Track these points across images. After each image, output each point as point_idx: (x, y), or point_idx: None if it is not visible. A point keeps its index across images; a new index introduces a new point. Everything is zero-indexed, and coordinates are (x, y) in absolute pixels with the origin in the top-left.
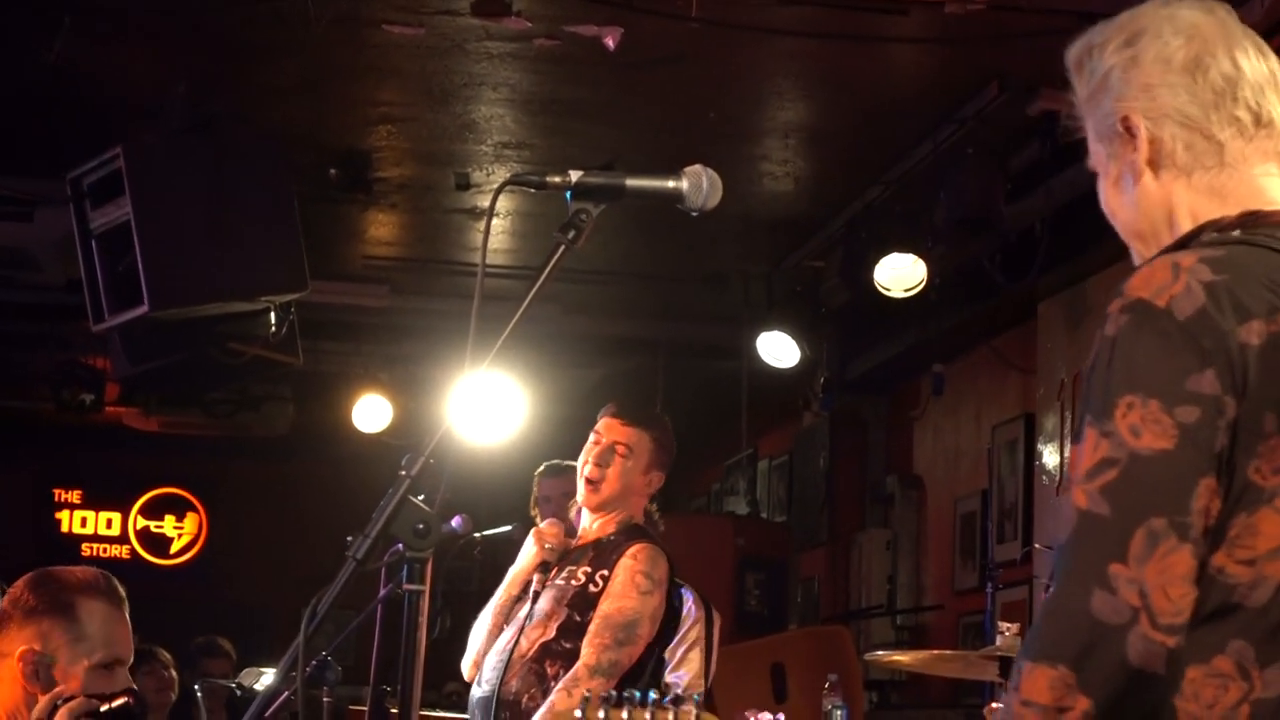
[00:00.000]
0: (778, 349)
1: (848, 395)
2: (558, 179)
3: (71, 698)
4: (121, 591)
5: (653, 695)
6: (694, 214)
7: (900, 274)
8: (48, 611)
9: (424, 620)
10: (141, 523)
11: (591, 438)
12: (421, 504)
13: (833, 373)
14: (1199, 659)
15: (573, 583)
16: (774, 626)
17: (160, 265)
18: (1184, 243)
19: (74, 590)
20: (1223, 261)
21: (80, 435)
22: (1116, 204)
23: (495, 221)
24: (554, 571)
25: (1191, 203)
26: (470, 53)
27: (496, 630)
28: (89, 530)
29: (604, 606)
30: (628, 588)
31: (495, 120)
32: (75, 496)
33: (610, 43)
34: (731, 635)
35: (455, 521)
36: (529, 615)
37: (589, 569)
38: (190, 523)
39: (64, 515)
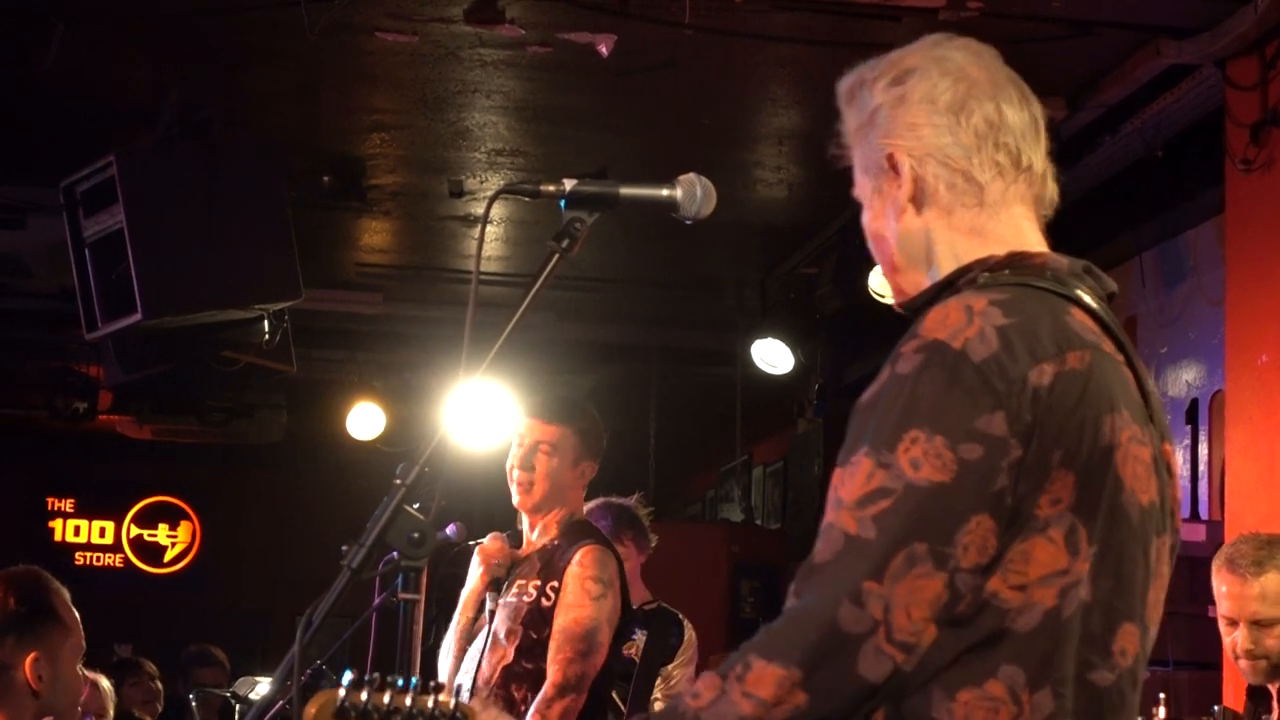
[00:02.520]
0: (772, 355)
1: (842, 401)
2: (552, 188)
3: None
4: None
5: (415, 680)
6: (688, 222)
7: None
8: (36, 615)
9: (419, 629)
10: (135, 531)
11: (514, 440)
12: (416, 512)
13: (827, 379)
14: (972, 683)
15: (524, 599)
16: None
17: (153, 273)
18: (952, 281)
19: (45, 591)
20: (1011, 305)
21: (73, 444)
22: (879, 239)
23: (489, 229)
24: (505, 587)
25: (951, 240)
26: (464, 60)
27: (460, 654)
28: (82, 539)
29: (560, 620)
30: (580, 596)
31: (489, 127)
32: (68, 505)
33: (604, 50)
34: (726, 642)
35: (450, 529)
36: (488, 638)
37: (539, 581)
38: (184, 531)
39: (57, 524)
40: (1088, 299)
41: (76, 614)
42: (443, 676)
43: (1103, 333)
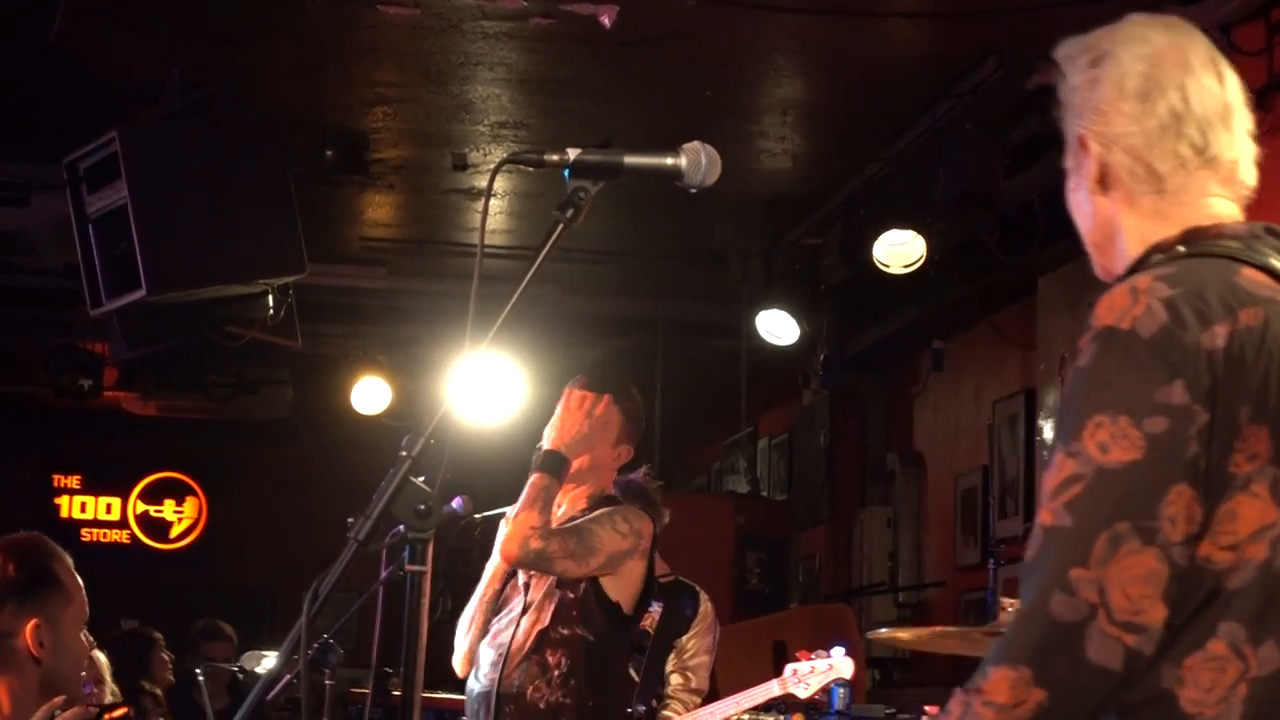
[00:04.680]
0: (777, 327)
1: (847, 372)
2: (555, 157)
3: (69, 705)
4: None
5: None
6: (693, 191)
7: (899, 250)
8: (37, 582)
9: (426, 601)
10: (141, 507)
11: (558, 410)
12: (422, 485)
13: (832, 350)
14: (1195, 647)
15: None
16: (775, 605)
17: (157, 249)
18: (1136, 266)
19: (46, 557)
20: (1176, 276)
21: (79, 420)
22: (1077, 211)
23: (493, 202)
24: None
25: (1137, 225)
26: (466, 33)
27: (484, 623)
28: (89, 515)
29: (580, 521)
30: (604, 519)
31: (492, 100)
32: (74, 482)
33: (606, 21)
34: (733, 614)
35: (456, 502)
36: (522, 607)
37: None
38: (190, 507)
39: (63, 500)
40: (1264, 257)
41: (79, 580)
42: (460, 647)
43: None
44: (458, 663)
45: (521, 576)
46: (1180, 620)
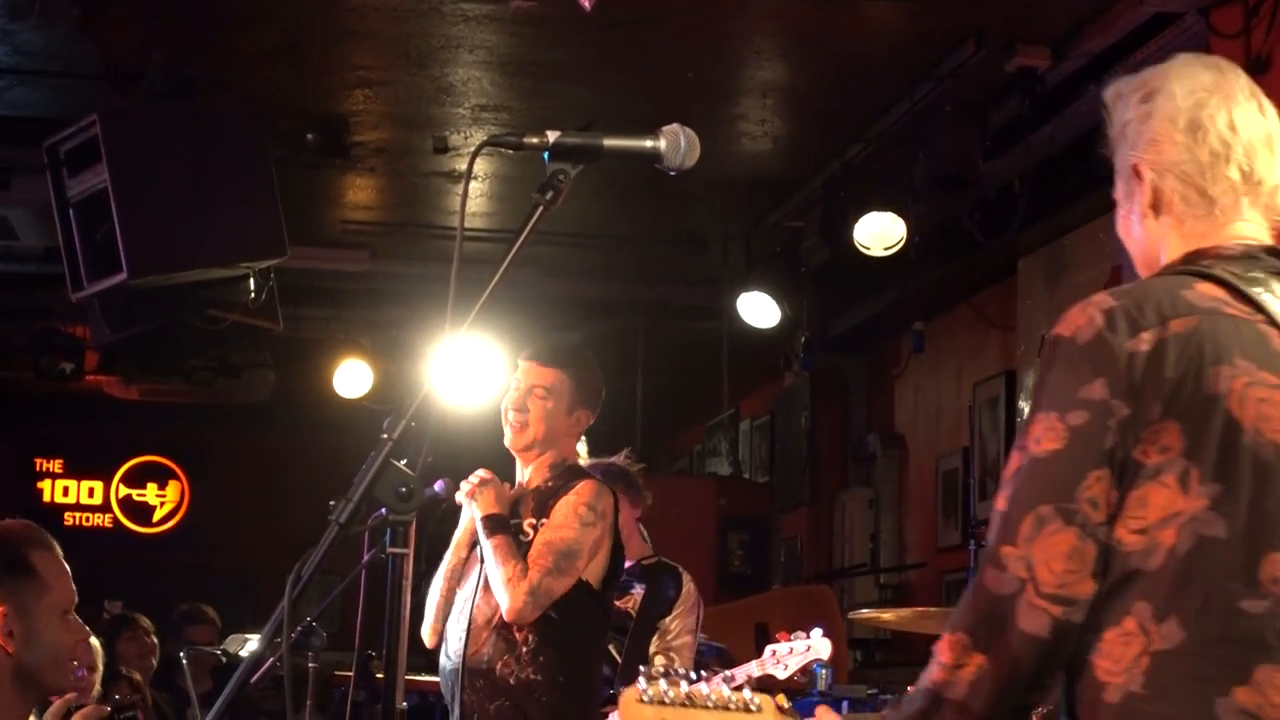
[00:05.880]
0: (758, 309)
1: (828, 354)
2: (535, 140)
3: (82, 705)
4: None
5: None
6: (672, 173)
7: (879, 232)
8: (8, 571)
9: (408, 584)
10: (123, 491)
11: (511, 383)
12: (404, 467)
13: (813, 332)
14: (1113, 623)
15: (522, 539)
16: (757, 586)
17: (138, 232)
18: None
19: (23, 545)
20: (1128, 291)
21: (61, 404)
22: (1128, 237)
23: (474, 185)
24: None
25: (1179, 245)
26: (447, 15)
27: (449, 594)
28: (71, 499)
29: (545, 533)
30: (569, 518)
31: (473, 83)
32: (56, 466)
33: (586, 4)
34: (715, 595)
35: (438, 485)
36: (479, 578)
37: (533, 520)
38: (172, 490)
39: (45, 485)
40: (1228, 275)
41: (63, 569)
42: (428, 617)
43: (1234, 298)
44: (424, 633)
45: (479, 550)
46: (1103, 596)
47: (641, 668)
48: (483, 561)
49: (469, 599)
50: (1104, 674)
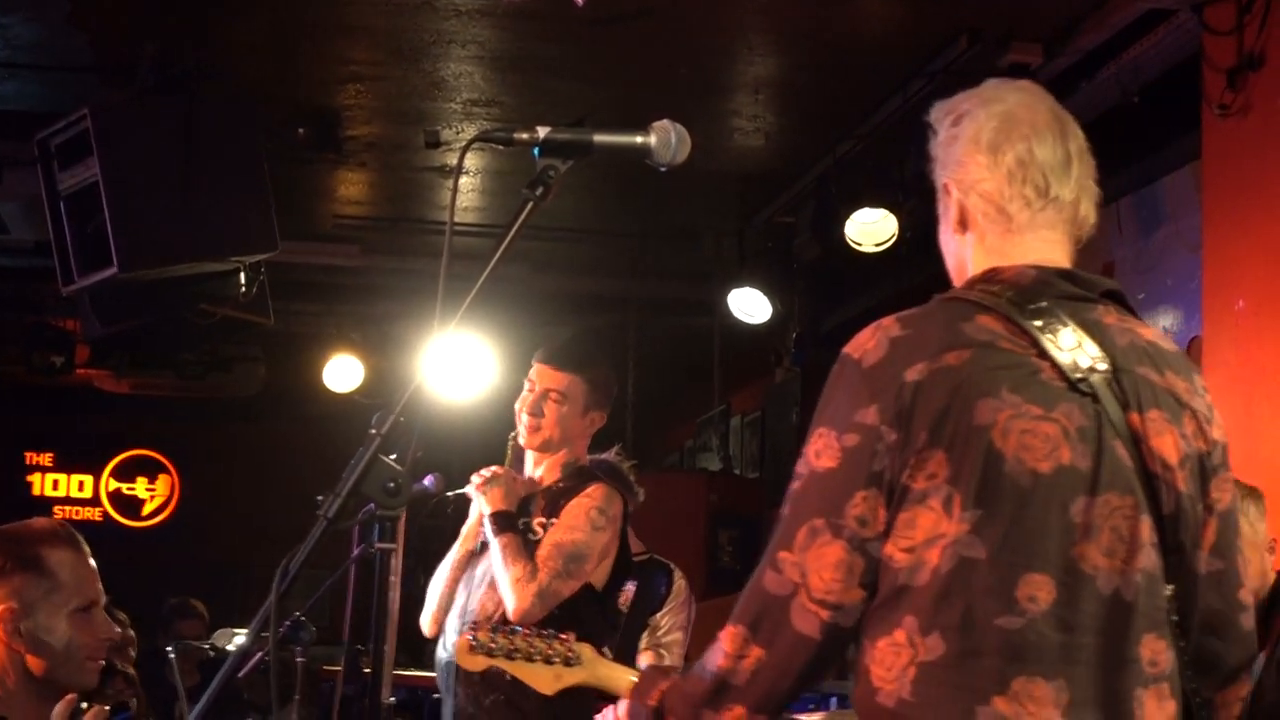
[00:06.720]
0: (749, 305)
1: (820, 350)
2: (525, 135)
3: (90, 705)
4: (78, 535)
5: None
6: (662, 169)
7: (871, 228)
8: (17, 568)
9: (397, 579)
10: (113, 485)
11: (525, 385)
12: (393, 462)
13: (804, 328)
14: (885, 633)
15: (530, 537)
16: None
17: (129, 226)
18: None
19: (37, 542)
20: (914, 318)
21: (51, 398)
22: (945, 250)
23: (465, 180)
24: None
25: (983, 259)
26: (439, 10)
27: (453, 585)
28: (61, 493)
29: (555, 534)
30: (580, 519)
31: (464, 78)
32: (46, 459)
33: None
34: (705, 592)
35: (427, 480)
36: (485, 574)
37: (542, 519)
38: (162, 484)
39: (35, 478)
40: (1009, 308)
41: (80, 566)
42: (429, 606)
43: (1011, 331)
44: (424, 622)
45: (486, 544)
46: (874, 606)
47: (470, 620)
48: (487, 555)
49: (472, 593)
50: (878, 680)
